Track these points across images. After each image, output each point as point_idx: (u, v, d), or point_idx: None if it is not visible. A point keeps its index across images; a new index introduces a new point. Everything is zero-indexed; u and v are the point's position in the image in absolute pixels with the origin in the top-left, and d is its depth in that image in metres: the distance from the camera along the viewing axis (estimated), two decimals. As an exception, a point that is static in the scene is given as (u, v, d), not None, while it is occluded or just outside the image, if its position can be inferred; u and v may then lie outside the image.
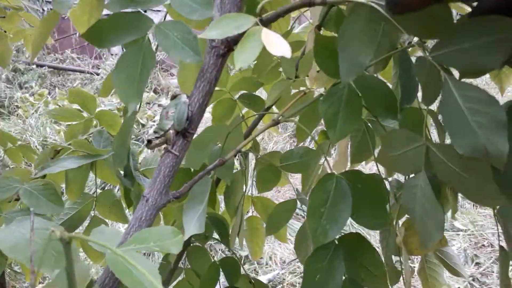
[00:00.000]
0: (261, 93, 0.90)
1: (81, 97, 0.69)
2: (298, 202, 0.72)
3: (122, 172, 0.73)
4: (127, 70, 0.47)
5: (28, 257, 0.49)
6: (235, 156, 0.55)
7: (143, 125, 3.89)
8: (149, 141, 0.56)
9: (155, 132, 0.56)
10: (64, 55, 5.96)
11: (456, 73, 0.40)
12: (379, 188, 0.48)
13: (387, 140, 0.46)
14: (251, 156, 0.87)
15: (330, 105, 0.45)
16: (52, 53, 6.04)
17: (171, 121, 0.54)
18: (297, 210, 0.84)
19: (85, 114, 0.77)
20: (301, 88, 0.64)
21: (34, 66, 5.45)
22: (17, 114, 4.55)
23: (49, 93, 4.97)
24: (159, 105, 4.26)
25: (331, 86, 0.46)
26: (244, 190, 0.82)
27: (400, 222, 0.62)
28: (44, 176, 0.61)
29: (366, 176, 0.47)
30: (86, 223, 0.84)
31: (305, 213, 0.48)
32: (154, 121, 3.86)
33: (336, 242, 0.47)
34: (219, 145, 0.65)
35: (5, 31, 0.96)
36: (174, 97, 0.56)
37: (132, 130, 0.67)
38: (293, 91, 0.71)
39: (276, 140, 3.48)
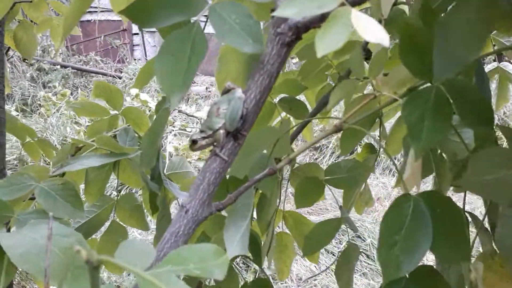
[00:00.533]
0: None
1: (106, 91, 0.63)
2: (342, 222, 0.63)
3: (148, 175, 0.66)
4: (173, 56, 0.40)
5: (40, 268, 0.42)
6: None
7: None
8: (194, 142, 0.48)
9: (201, 131, 0.48)
10: (88, 57, 6.03)
11: None
12: (459, 214, 0.39)
13: (478, 160, 0.38)
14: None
15: (414, 110, 0.37)
16: (77, 54, 6.12)
17: (222, 120, 0.46)
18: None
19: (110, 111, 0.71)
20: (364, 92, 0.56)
21: (58, 67, 5.52)
22: (39, 113, 4.59)
23: (71, 94, 5.01)
24: (179, 111, 4.23)
25: (411, 89, 0.39)
26: (278, 203, 0.75)
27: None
28: (62, 175, 0.54)
29: (446, 200, 0.39)
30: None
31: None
32: (174, 127, 3.83)
33: (407, 276, 0.39)
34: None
35: (31, 21, 0.92)
36: (227, 91, 0.49)
37: (163, 133, 0.60)
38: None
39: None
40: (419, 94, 0.38)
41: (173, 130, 3.79)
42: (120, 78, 5.39)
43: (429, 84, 0.39)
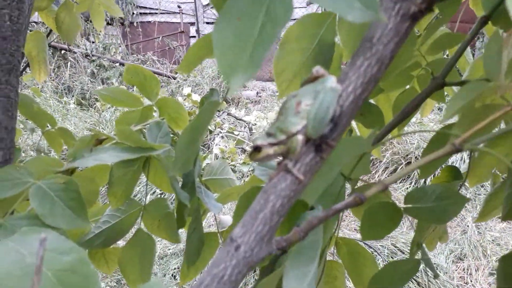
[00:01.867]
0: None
1: (139, 76, 0.52)
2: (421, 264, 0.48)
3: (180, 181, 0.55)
4: (239, 21, 0.28)
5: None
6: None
7: (211, 132, 3.81)
8: (257, 148, 0.34)
9: (269, 134, 0.34)
10: (146, 57, 6.18)
11: None
12: None
13: None
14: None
15: None
16: (135, 54, 6.30)
17: (303, 120, 0.32)
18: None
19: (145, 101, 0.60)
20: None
21: (117, 64, 5.69)
22: (95, 107, 4.74)
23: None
24: (228, 114, 4.18)
25: None
26: (335, 229, 0.61)
27: None
28: (71, 172, 0.44)
29: None
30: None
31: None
32: (222, 129, 3.77)
33: None
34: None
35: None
36: (313, 78, 0.34)
37: (206, 131, 0.48)
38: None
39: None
40: None
41: (220, 132, 3.74)
42: (174, 78, 5.45)
43: None
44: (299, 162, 0.32)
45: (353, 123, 0.72)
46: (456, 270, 2.15)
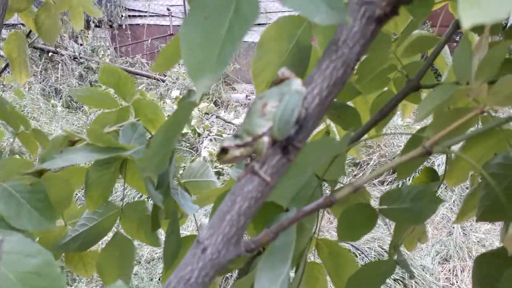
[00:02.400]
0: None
1: (115, 76, 0.52)
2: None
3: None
4: (206, 20, 0.27)
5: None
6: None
7: (199, 134, 3.80)
8: (224, 150, 0.34)
9: (236, 136, 0.34)
10: (135, 59, 6.14)
11: None
12: None
13: None
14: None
15: None
16: (124, 56, 6.26)
17: (268, 122, 0.32)
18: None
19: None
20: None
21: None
22: (83, 110, 4.69)
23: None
24: (217, 117, 4.17)
25: None
26: (313, 231, 0.61)
27: None
28: (41, 174, 0.43)
29: None
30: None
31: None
32: (210, 132, 3.76)
33: None
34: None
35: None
36: (279, 81, 0.34)
37: (181, 131, 0.48)
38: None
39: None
40: None
41: (209, 135, 3.73)
42: (163, 81, 5.43)
43: None
44: (266, 164, 0.32)
45: (333, 125, 0.72)
46: (442, 271, 2.17)
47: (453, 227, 2.45)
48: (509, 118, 0.36)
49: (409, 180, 2.36)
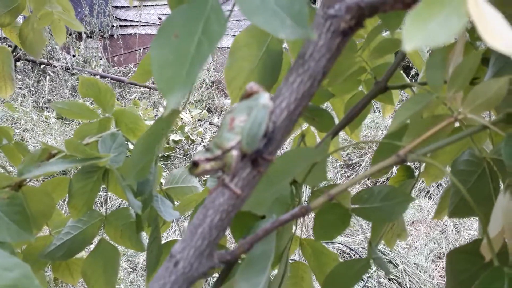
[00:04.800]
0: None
1: (94, 89, 0.53)
2: (371, 263, 0.50)
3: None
4: (176, 38, 0.28)
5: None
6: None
7: (193, 141, 3.81)
8: (195, 164, 0.35)
9: (207, 149, 0.35)
10: (127, 69, 6.15)
11: None
12: None
13: None
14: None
15: None
16: (117, 66, 6.27)
17: (237, 136, 0.33)
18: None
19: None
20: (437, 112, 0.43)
21: (98, 77, 5.65)
22: (76, 121, 4.69)
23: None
24: (210, 123, 4.18)
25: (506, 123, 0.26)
26: (293, 231, 0.62)
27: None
28: (19, 187, 0.44)
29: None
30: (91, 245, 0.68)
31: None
32: (204, 138, 3.77)
33: None
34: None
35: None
36: (248, 95, 0.35)
37: (165, 138, 0.49)
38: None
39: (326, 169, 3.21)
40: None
41: (203, 141, 3.74)
42: (156, 90, 5.44)
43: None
44: (237, 177, 0.33)
45: (312, 128, 0.74)
46: (435, 269, 2.18)
47: (446, 225, 2.46)
48: (481, 127, 0.38)
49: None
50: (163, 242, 0.63)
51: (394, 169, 2.48)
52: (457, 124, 0.53)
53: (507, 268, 0.26)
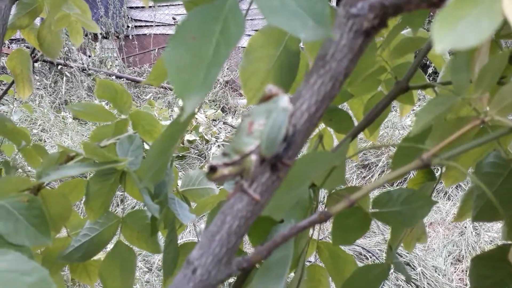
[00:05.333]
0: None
1: (111, 90, 0.53)
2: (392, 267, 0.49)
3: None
4: (194, 40, 0.27)
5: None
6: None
7: (207, 141, 3.82)
8: (213, 168, 0.34)
9: (224, 154, 0.34)
10: (142, 69, 6.21)
11: None
12: None
13: None
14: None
15: None
16: (132, 66, 6.34)
17: (256, 140, 0.32)
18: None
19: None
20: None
21: (113, 78, 5.72)
22: (92, 122, 4.75)
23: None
24: (224, 123, 4.19)
25: None
26: (310, 234, 0.61)
27: None
28: (38, 190, 0.44)
29: None
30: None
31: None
32: (218, 138, 3.78)
33: None
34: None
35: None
36: (267, 97, 0.34)
37: (180, 140, 0.49)
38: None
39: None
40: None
41: (217, 141, 3.75)
42: (171, 89, 5.48)
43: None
44: (256, 182, 0.32)
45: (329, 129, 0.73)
46: (455, 272, 2.14)
47: (465, 227, 2.41)
48: (510, 129, 0.36)
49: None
50: (179, 243, 0.63)
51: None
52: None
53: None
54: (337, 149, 0.50)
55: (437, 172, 0.68)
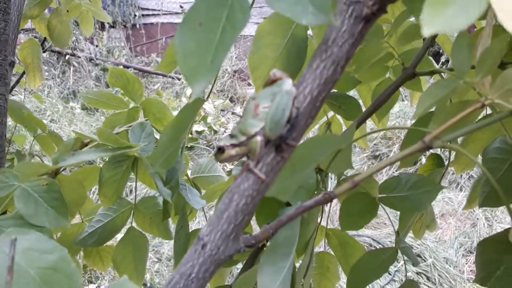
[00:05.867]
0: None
1: (123, 79, 0.54)
2: (399, 252, 0.50)
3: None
4: (201, 26, 0.29)
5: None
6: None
7: (216, 132, 3.84)
8: (221, 149, 0.35)
9: (231, 136, 0.36)
10: (150, 59, 6.22)
11: None
12: None
13: None
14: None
15: None
16: (139, 56, 6.34)
17: (261, 122, 0.33)
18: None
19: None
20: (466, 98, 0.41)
21: (121, 67, 5.73)
22: (100, 111, 4.79)
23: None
24: (233, 113, 4.19)
25: None
26: (319, 220, 0.62)
27: None
28: (56, 174, 0.46)
29: None
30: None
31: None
32: (227, 129, 3.79)
33: None
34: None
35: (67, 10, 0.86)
36: (271, 82, 0.35)
37: (191, 127, 0.50)
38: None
39: (352, 159, 3.17)
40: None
41: (226, 131, 3.76)
42: (179, 79, 5.48)
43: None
44: (261, 162, 0.33)
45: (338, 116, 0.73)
46: (466, 263, 2.14)
47: (477, 218, 2.40)
48: (510, 113, 0.37)
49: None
50: (190, 230, 0.65)
51: (424, 159, 2.43)
52: (490, 111, 0.51)
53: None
54: (343, 133, 0.50)
55: (447, 160, 0.68)
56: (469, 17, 0.19)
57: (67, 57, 5.52)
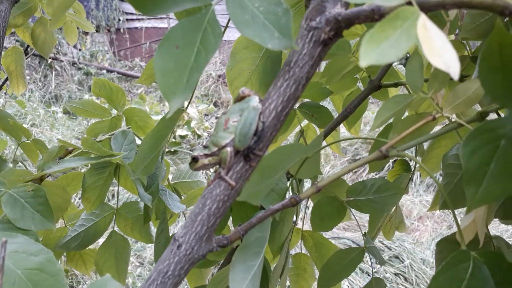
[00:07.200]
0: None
1: (106, 88, 0.57)
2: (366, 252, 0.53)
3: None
4: (177, 49, 0.32)
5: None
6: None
7: (199, 136, 3.85)
8: (195, 159, 0.40)
9: (205, 147, 0.40)
10: (133, 63, 6.20)
11: None
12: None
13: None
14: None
15: (476, 150, 0.28)
16: (123, 60, 6.32)
17: (231, 134, 0.38)
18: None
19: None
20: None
21: (104, 71, 5.70)
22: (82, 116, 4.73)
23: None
24: (216, 118, 4.21)
25: (483, 114, 0.29)
26: (294, 222, 0.66)
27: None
28: (41, 181, 0.48)
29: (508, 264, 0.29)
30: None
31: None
32: (210, 133, 3.81)
33: None
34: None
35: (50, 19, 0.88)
36: (240, 98, 0.40)
37: (173, 133, 0.53)
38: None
39: (334, 164, 3.24)
40: (487, 128, 0.28)
41: (209, 136, 3.78)
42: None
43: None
44: (231, 170, 0.37)
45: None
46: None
47: (453, 221, 2.48)
48: (458, 125, 0.41)
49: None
50: (170, 234, 0.67)
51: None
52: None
53: (474, 252, 0.29)
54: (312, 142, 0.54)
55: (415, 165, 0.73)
56: (400, 51, 0.23)
57: (49, 61, 5.46)
